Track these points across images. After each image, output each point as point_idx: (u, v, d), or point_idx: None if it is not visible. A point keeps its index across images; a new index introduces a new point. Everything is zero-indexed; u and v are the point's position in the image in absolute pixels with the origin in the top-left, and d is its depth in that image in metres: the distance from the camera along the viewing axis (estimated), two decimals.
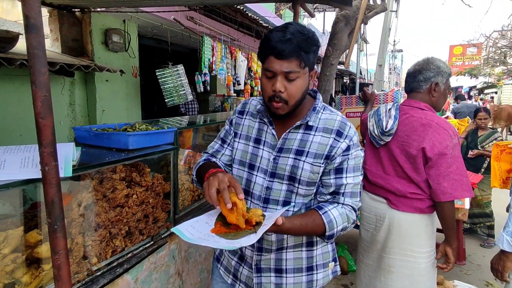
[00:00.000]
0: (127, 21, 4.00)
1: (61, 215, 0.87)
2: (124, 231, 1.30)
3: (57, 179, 0.85)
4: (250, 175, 1.00)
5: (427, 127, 1.41)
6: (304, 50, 0.87)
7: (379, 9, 3.01)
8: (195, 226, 0.84)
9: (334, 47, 2.81)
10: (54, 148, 0.85)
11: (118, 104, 4.05)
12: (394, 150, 1.50)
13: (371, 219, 1.61)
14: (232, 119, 1.10)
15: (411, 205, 1.47)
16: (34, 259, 1.03)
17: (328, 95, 2.94)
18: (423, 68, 1.51)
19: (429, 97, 1.52)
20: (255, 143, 1.01)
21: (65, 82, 3.50)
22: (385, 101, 2.28)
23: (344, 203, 0.95)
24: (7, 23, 3.60)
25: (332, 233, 0.92)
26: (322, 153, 0.94)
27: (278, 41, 0.86)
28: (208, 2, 3.09)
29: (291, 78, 0.88)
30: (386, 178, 1.54)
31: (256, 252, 1.02)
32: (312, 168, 0.94)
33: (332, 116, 0.98)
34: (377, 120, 1.58)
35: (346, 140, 0.95)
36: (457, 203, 2.57)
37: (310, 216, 0.91)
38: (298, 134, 0.97)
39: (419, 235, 1.47)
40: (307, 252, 1.02)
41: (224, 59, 4.60)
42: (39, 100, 0.84)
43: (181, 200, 1.77)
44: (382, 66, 8.77)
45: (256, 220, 0.83)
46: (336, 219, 0.91)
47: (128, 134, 1.34)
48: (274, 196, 0.97)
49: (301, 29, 0.89)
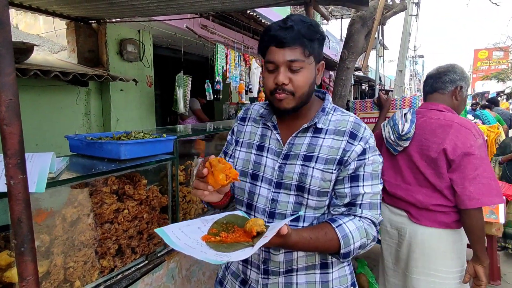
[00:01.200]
0: (141, 31, 4.05)
1: (30, 236, 0.76)
2: (113, 250, 1.18)
3: (25, 194, 0.75)
4: (253, 186, 0.90)
5: (447, 128, 1.32)
6: (307, 37, 0.80)
7: (398, 8, 2.82)
8: (184, 229, 0.72)
9: (350, 49, 2.65)
10: (21, 159, 0.75)
11: (133, 113, 4.08)
12: (413, 156, 1.41)
13: (393, 233, 1.50)
14: (234, 127, 1.01)
15: (434, 219, 1.34)
16: (6, 284, 0.93)
17: (345, 100, 2.76)
18: (448, 70, 1.45)
19: (452, 100, 1.44)
20: (257, 151, 0.91)
21: (80, 92, 3.56)
22: (402, 107, 2.19)
23: (362, 215, 0.82)
24: (29, 37, 3.75)
25: (349, 251, 0.79)
26: (334, 158, 0.83)
27: (279, 29, 0.80)
28: (219, 8, 3.05)
29: (295, 68, 0.80)
30: (406, 188, 1.43)
31: (262, 275, 0.89)
32: (323, 175, 0.82)
33: (344, 117, 0.88)
34: (392, 125, 1.50)
35: (361, 143, 0.84)
36: (491, 217, 2.31)
37: (322, 229, 0.79)
38: (306, 138, 0.86)
39: (445, 253, 1.33)
40: (321, 276, 0.88)
41: (238, 66, 4.55)
42: (3, 105, 0.73)
43: (182, 214, 1.65)
44: (403, 72, 8.42)
45: (257, 230, 0.69)
46: (353, 233, 0.79)
47: (120, 143, 1.24)
48: (280, 210, 0.85)
49: (303, 18, 0.82)
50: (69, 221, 1.08)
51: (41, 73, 2.54)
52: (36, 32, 3.90)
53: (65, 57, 3.53)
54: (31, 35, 3.84)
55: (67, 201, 1.10)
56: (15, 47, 2.44)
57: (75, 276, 1.04)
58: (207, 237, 0.70)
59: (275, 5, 2.68)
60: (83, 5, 2.65)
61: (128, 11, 2.85)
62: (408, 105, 2.11)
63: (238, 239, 0.70)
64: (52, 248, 1.04)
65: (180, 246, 0.65)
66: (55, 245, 1.05)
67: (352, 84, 10.89)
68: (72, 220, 1.09)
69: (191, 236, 0.69)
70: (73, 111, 3.50)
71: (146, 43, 4.15)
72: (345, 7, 2.64)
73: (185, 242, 0.67)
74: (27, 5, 2.63)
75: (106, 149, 1.25)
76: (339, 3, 2.59)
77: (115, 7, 2.64)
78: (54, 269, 1.00)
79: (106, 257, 1.15)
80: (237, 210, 0.92)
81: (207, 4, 2.62)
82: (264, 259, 0.87)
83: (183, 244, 0.65)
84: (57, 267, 1.01)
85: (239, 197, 0.94)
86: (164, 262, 1.43)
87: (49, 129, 3.24)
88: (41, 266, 0.98)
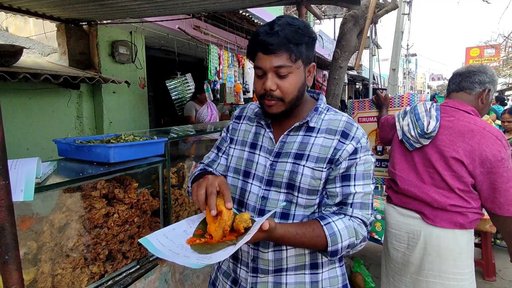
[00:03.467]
0: (133, 32, 4.02)
1: (14, 243, 0.74)
2: (103, 255, 1.16)
3: (7, 201, 0.73)
4: (244, 183, 0.91)
5: (477, 135, 1.26)
6: (293, 42, 0.78)
7: (389, 7, 2.83)
8: (169, 235, 0.71)
9: (342, 49, 2.65)
10: (3, 165, 0.73)
11: (126, 115, 4.04)
12: (431, 155, 1.34)
13: (401, 237, 1.43)
14: (229, 125, 1.03)
15: (450, 220, 1.29)
16: None
17: (338, 99, 2.76)
18: (479, 71, 1.38)
19: (477, 102, 1.38)
20: (250, 148, 0.93)
21: (71, 94, 3.51)
22: (401, 105, 2.18)
23: (353, 215, 0.83)
24: (19, 40, 3.69)
25: (336, 249, 0.79)
26: (325, 156, 0.83)
27: (265, 35, 0.79)
28: (211, 8, 3.02)
29: (282, 74, 0.80)
30: (420, 187, 1.36)
31: (251, 273, 0.88)
32: (313, 174, 0.83)
33: (336, 117, 0.88)
34: (415, 119, 1.41)
35: (352, 142, 0.83)
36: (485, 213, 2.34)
37: (310, 225, 0.80)
38: (298, 137, 0.87)
39: (461, 254, 1.30)
40: (311, 276, 0.88)
41: (232, 66, 4.54)
42: None
43: (175, 217, 1.63)
44: (396, 70, 8.49)
45: (244, 226, 0.69)
46: (341, 232, 0.79)
47: (109, 146, 1.22)
48: (270, 207, 0.86)
49: (290, 20, 0.81)
50: (57, 227, 1.05)
51: (31, 76, 2.50)
52: (26, 35, 3.84)
53: (56, 60, 3.48)
54: (21, 38, 3.79)
55: (55, 206, 1.08)
56: (4, 50, 2.40)
57: (64, 284, 1.01)
58: (192, 240, 0.69)
59: (267, 5, 2.67)
60: (73, 6, 2.61)
61: (119, 13, 2.82)
62: (406, 103, 2.09)
63: (223, 238, 0.69)
64: (40, 255, 1.01)
65: (163, 253, 0.64)
66: (43, 252, 1.02)
67: (346, 83, 10.93)
68: (60, 226, 1.06)
69: (176, 241, 0.68)
70: (65, 114, 3.46)
71: (138, 44, 4.11)
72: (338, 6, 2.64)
73: (170, 248, 0.66)
74: (16, 7, 2.58)
75: (95, 153, 1.22)
76: (331, 2, 2.58)
77: (106, 9, 2.61)
78: (41, 277, 0.98)
79: (96, 263, 1.13)
80: None
81: (199, 5, 2.60)
82: (253, 257, 0.87)
83: (167, 251, 0.64)
84: (44, 275, 0.98)
85: (232, 194, 0.92)
86: (157, 266, 1.41)
87: (41, 133, 3.19)
88: (27, 274, 0.96)
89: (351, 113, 2.48)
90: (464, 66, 1.47)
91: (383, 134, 1.70)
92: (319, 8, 8.45)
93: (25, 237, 1.01)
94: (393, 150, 1.54)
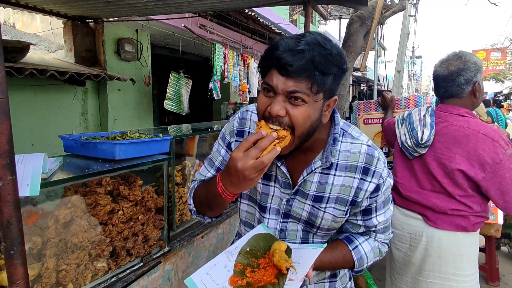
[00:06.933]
0: (139, 30, 4.03)
1: (20, 238, 0.75)
2: (107, 252, 1.16)
3: (14, 196, 0.73)
4: (261, 217, 0.86)
5: (472, 139, 1.22)
6: (320, 70, 0.63)
7: (397, 8, 2.81)
8: (211, 273, 0.71)
9: (348, 49, 2.64)
10: (11, 160, 0.73)
11: (130, 113, 4.06)
12: (429, 163, 1.32)
13: (404, 237, 1.43)
14: (231, 143, 0.86)
15: (452, 223, 1.29)
16: None
17: (343, 100, 2.75)
18: (461, 69, 1.27)
19: (471, 100, 1.31)
20: (264, 180, 0.83)
21: (76, 91, 3.53)
22: (407, 106, 2.15)
23: (376, 238, 0.88)
24: (26, 36, 3.72)
25: (362, 269, 0.86)
26: (346, 198, 0.78)
27: (287, 51, 0.63)
28: (217, 7, 3.03)
29: (295, 101, 0.65)
30: (422, 193, 1.36)
31: None
32: (335, 218, 0.81)
33: (354, 148, 0.77)
34: (409, 129, 1.38)
35: (374, 179, 0.77)
36: (489, 217, 2.31)
37: (340, 251, 0.84)
38: (315, 175, 0.78)
39: (462, 257, 1.30)
40: (329, 284, 0.91)
41: (237, 66, 4.53)
42: None
43: (179, 215, 1.62)
44: (401, 72, 8.44)
45: (286, 267, 0.70)
46: (367, 254, 0.85)
47: (114, 143, 1.22)
48: (290, 238, 0.85)
49: (322, 41, 0.65)
50: (62, 222, 1.05)
51: (37, 72, 2.51)
52: (33, 31, 3.87)
53: (62, 57, 3.50)
54: (28, 34, 3.81)
55: (60, 202, 1.08)
56: (11, 46, 2.42)
57: (68, 279, 1.01)
58: (234, 281, 0.70)
59: (273, 5, 2.66)
60: (80, 4, 2.62)
61: (126, 10, 2.82)
62: (413, 104, 2.06)
63: (265, 279, 0.71)
64: (44, 251, 1.02)
65: None
66: (48, 247, 1.02)
67: (351, 84, 10.89)
68: (65, 222, 1.06)
69: (219, 282, 0.69)
70: (70, 111, 3.47)
71: (144, 42, 4.12)
72: (344, 7, 2.63)
73: None
74: (24, 3, 2.60)
75: (100, 149, 1.22)
76: (338, 3, 2.57)
77: (112, 6, 2.62)
78: (46, 272, 0.98)
79: (100, 259, 1.13)
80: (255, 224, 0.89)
81: (205, 4, 2.60)
82: None
83: None
84: (49, 270, 0.99)
85: (249, 221, 0.91)
86: (160, 264, 1.41)
87: (46, 129, 3.21)
88: (32, 269, 0.96)
89: (356, 115, 2.46)
90: (442, 65, 1.33)
91: (387, 137, 1.71)
92: (325, 9, 8.42)
93: (30, 232, 1.01)
94: (395, 157, 1.54)
